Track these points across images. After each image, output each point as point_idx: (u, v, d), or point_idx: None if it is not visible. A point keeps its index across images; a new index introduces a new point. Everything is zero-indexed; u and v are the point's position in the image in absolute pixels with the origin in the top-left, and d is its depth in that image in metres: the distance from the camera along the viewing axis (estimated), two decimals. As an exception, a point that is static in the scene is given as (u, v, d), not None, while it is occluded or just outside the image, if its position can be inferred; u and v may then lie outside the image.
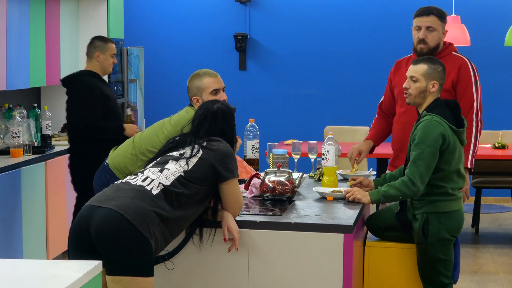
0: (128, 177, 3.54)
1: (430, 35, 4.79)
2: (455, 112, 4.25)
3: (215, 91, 4.36)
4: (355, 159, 4.91)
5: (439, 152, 4.14)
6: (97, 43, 5.90)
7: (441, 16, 4.86)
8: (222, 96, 4.36)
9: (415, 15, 4.87)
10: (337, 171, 4.65)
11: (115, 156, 4.39)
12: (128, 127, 5.65)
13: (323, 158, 4.49)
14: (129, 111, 5.69)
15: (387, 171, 5.01)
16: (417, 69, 4.23)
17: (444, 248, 4.21)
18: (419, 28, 4.81)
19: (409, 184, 4.09)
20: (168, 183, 3.44)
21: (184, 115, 4.27)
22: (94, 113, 5.57)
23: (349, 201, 4.12)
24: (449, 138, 4.14)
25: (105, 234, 3.26)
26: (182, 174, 3.48)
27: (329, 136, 4.53)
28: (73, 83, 5.75)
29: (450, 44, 4.96)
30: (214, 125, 3.71)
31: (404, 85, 4.30)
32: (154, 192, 3.39)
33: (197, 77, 4.38)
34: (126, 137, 5.03)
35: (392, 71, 5.05)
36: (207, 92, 4.34)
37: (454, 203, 4.22)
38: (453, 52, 4.91)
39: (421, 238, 4.21)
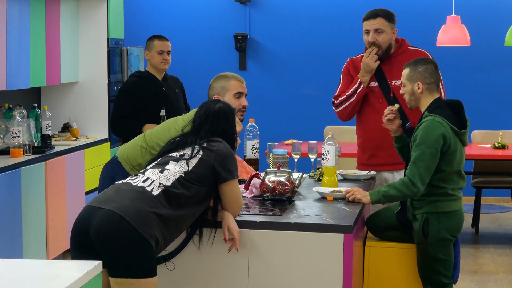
0: (129, 178, 3.54)
1: (379, 37, 4.91)
2: (458, 112, 4.24)
3: (239, 95, 4.39)
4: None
5: (440, 153, 4.14)
6: (146, 42, 6.16)
7: (388, 17, 4.94)
8: (244, 101, 4.41)
9: (363, 19, 4.98)
10: (337, 171, 4.65)
11: (125, 148, 4.43)
12: (147, 127, 5.66)
13: (323, 158, 4.49)
14: (162, 112, 5.76)
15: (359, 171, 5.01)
16: (403, 74, 4.34)
17: (444, 248, 4.21)
18: (368, 32, 4.93)
19: (409, 184, 4.10)
20: (168, 183, 3.44)
21: None
22: (121, 113, 5.84)
23: (349, 201, 4.12)
24: (450, 139, 4.14)
25: (104, 236, 3.25)
26: (183, 175, 3.48)
27: (329, 136, 4.53)
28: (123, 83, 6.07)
29: (403, 40, 5.05)
30: (216, 125, 3.71)
31: (400, 91, 4.40)
32: (155, 193, 3.39)
33: (224, 78, 4.43)
34: None
35: (350, 68, 5.10)
36: (231, 93, 4.37)
37: (454, 203, 4.23)
38: (409, 47, 5.01)
39: (421, 238, 4.21)
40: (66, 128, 7.27)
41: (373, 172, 4.90)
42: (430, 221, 4.19)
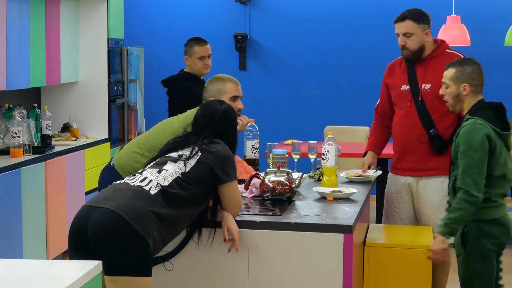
0: (126, 178, 3.54)
1: (408, 40, 4.82)
2: (501, 115, 4.06)
3: (235, 98, 4.38)
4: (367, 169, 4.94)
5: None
6: (185, 47, 6.12)
7: (417, 19, 4.84)
8: (239, 104, 4.40)
9: (393, 22, 4.91)
10: (342, 173, 4.64)
11: (120, 156, 4.40)
12: None
13: (323, 158, 4.48)
14: None
15: (389, 174, 4.99)
16: (446, 74, 4.13)
17: (484, 260, 4.00)
18: (398, 35, 4.86)
19: (467, 197, 3.88)
20: (166, 183, 3.44)
21: (193, 113, 4.26)
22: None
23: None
24: (495, 140, 3.94)
25: (102, 234, 3.26)
26: (180, 175, 3.48)
27: (329, 136, 4.53)
28: (170, 85, 6.00)
29: (443, 41, 4.93)
30: (222, 126, 3.72)
31: (440, 92, 4.21)
32: (152, 192, 3.39)
33: (220, 80, 4.40)
34: None
35: (386, 75, 5.03)
36: (227, 96, 4.35)
37: (496, 210, 4.00)
38: (447, 50, 4.89)
39: (460, 248, 4.04)
40: (66, 128, 7.27)
41: (379, 172, 4.87)
42: (469, 228, 3.98)
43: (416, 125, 4.78)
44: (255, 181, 4.16)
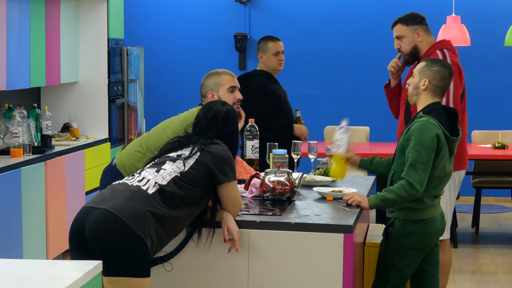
0: (125, 178, 3.54)
1: (401, 42, 4.97)
2: (452, 121, 4.12)
3: (232, 88, 4.42)
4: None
5: None
6: (259, 44, 6.16)
7: (407, 21, 4.97)
8: (238, 94, 4.43)
9: (390, 28, 5.05)
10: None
11: (122, 155, 4.41)
12: (297, 127, 5.84)
13: (335, 146, 4.42)
14: (298, 113, 5.84)
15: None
16: (417, 66, 4.23)
17: (401, 255, 4.07)
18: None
19: (408, 187, 3.93)
20: (164, 183, 3.44)
21: (194, 112, 4.26)
22: (264, 113, 5.70)
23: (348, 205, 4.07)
24: (443, 142, 4.01)
25: (99, 235, 3.26)
26: (178, 175, 3.48)
27: (343, 124, 4.53)
28: (246, 82, 5.83)
29: (441, 41, 4.98)
30: (224, 128, 3.72)
31: (407, 81, 4.33)
32: (150, 191, 3.39)
33: (216, 74, 4.46)
34: (294, 137, 5.65)
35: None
36: (224, 88, 4.40)
37: (425, 211, 4.06)
38: (437, 50, 4.88)
39: (383, 240, 4.14)
40: (66, 128, 7.27)
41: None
42: (395, 225, 4.07)
43: (402, 122, 4.86)
44: (255, 181, 4.16)
